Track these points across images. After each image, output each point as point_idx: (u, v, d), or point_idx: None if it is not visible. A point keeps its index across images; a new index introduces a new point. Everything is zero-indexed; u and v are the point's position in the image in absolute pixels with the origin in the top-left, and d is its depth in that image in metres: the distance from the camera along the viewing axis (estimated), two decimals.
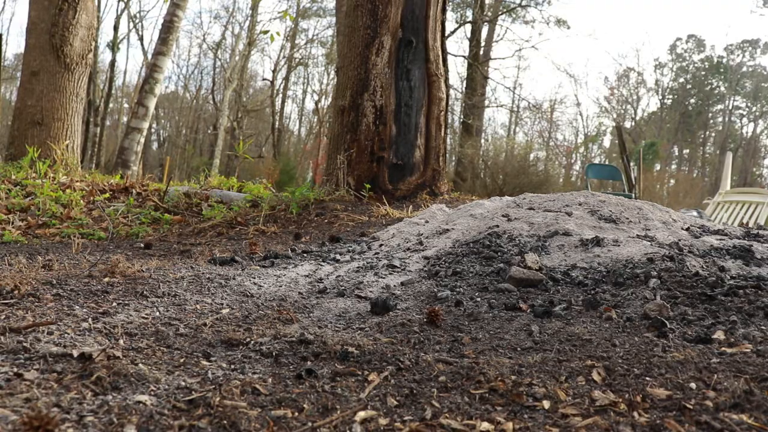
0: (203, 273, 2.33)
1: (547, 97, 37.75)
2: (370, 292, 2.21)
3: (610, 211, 3.08)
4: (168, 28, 9.55)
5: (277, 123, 24.34)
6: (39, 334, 1.43)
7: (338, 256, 2.85)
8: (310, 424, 1.04)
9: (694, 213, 4.73)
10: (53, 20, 6.96)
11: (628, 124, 28.48)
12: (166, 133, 29.84)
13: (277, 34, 8.18)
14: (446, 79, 6.01)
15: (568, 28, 21.97)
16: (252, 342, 1.50)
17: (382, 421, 1.06)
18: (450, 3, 19.38)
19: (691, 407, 1.08)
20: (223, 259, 2.71)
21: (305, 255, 2.94)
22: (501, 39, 22.50)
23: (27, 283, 1.89)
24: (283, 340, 1.52)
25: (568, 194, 3.42)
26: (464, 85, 20.49)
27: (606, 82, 32.62)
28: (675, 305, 1.86)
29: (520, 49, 21.29)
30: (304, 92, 29.20)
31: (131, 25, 22.33)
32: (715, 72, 30.30)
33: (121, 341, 1.44)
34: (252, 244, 3.14)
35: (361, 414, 1.08)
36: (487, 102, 21.96)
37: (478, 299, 2.05)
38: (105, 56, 23.40)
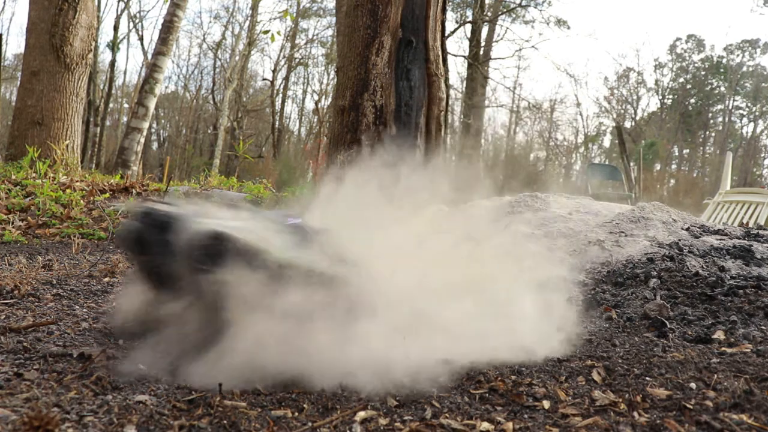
0: None
1: (547, 97, 37.71)
2: None
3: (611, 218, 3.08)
4: (168, 28, 9.55)
5: (277, 123, 24.33)
6: (39, 334, 1.43)
7: None
8: (310, 424, 1.04)
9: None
10: (53, 20, 6.96)
11: (628, 124, 28.48)
12: (166, 133, 29.85)
13: (278, 33, 8.18)
14: (446, 79, 6.01)
15: (568, 28, 21.95)
16: None
17: (382, 421, 1.06)
18: (450, 3, 19.39)
19: (691, 407, 1.08)
20: None
21: None
22: (501, 39, 22.44)
23: (27, 283, 1.89)
24: None
25: (564, 198, 3.42)
26: (464, 85, 20.48)
27: (606, 82, 32.59)
28: (675, 305, 1.86)
29: (520, 49, 21.24)
30: (304, 92, 29.16)
31: (131, 25, 22.32)
32: (715, 72, 30.29)
33: (121, 341, 1.44)
34: None
35: (361, 414, 1.08)
36: (487, 102, 21.95)
37: None
38: (105, 56, 23.34)
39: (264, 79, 26.12)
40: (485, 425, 1.05)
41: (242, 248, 1.30)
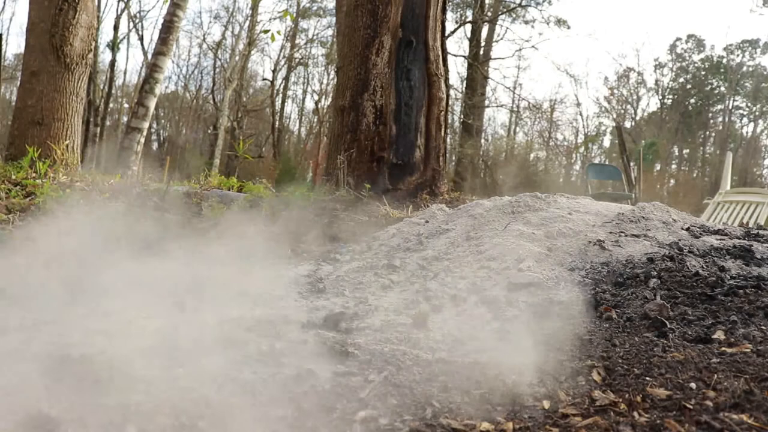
0: (204, 272, 2.33)
1: (547, 97, 37.68)
2: (371, 293, 2.21)
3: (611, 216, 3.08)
4: (168, 28, 9.54)
5: (277, 123, 24.33)
6: (40, 333, 1.43)
7: (338, 256, 2.85)
8: (310, 423, 1.04)
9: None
10: (53, 20, 6.95)
11: (628, 124, 28.46)
12: (166, 133, 29.84)
13: (278, 33, 8.17)
14: (446, 79, 6.01)
15: (568, 28, 21.92)
16: (252, 342, 1.50)
17: (382, 421, 1.06)
18: (450, 3, 19.37)
19: (691, 407, 1.08)
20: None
21: (305, 255, 2.94)
22: (501, 39, 22.39)
23: None
24: (283, 341, 1.51)
25: (564, 198, 3.42)
26: (464, 85, 20.46)
27: (606, 82, 32.57)
28: (675, 305, 1.86)
29: (520, 49, 21.21)
30: (304, 92, 29.14)
31: (131, 25, 22.31)
32: (715, 72, 30.27)
33: (121, 341, 1.44)
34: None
35: (361, 414, 1.08)
36: (487, 102, 21.93)
37: None
38: (105, 56, 23.30)
39: (264, 79, 26.11)
40: (485, 425, 1.05)
41: None
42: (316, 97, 26.85)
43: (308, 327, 1.68)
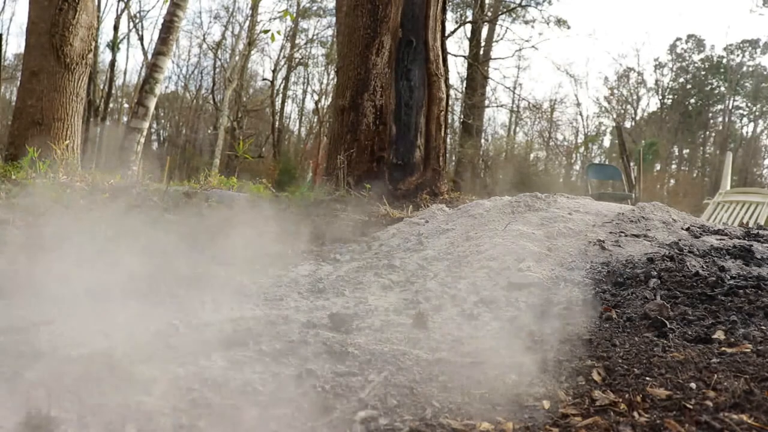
0: (204, 273, 2.33)
1: (547, 97, 37.66)
2: (371, 293, 2.21)
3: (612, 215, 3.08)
4: (168, 28, 9.54)
5: (277, 123, 24.33)
6: (40, 333, 1.43)
7: (338, 256, 2.84)
8: (310, 423, 1.04)
9: None
10: (53, 20, 6.95)
11: (628, 124, 28.45)
12: (166, 133, 29.83)
13: (278, 33, 8.16)
14: (446, 79, 6.01)
15: (568, 28, 21.90)
16: (252, 342, 1.50)
17: (382, 421, 1.06)
18: (450, 3, 19.37)
19: (691, 407, 1.08)
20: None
21: (305, 255, 2.94)
22: (501, 39, 22.37)
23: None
24: (283, 341, 1.51)
25: (564, 198, 3.42)
26: (464, 85, 20.46)
27: (606, 82, 32.58)
28: (675, 305, 1.86)
29: (520, 49, 21.20)
30: (304, 92, 29.12)
31: (131, 25, 22.31)
32: (715, 72, 30.26)
33: (121, 341, 1.44)
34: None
35: (361, 414, 1.08)
36: (487, 102, 21.92)
37: None
38: (105, 56, 23.31)
39: (264, 79, 26.12)
40: (485, 425, 1.05)
41: None
42: (316, 97, 26.85)
43: (308, 327, 1.68)
